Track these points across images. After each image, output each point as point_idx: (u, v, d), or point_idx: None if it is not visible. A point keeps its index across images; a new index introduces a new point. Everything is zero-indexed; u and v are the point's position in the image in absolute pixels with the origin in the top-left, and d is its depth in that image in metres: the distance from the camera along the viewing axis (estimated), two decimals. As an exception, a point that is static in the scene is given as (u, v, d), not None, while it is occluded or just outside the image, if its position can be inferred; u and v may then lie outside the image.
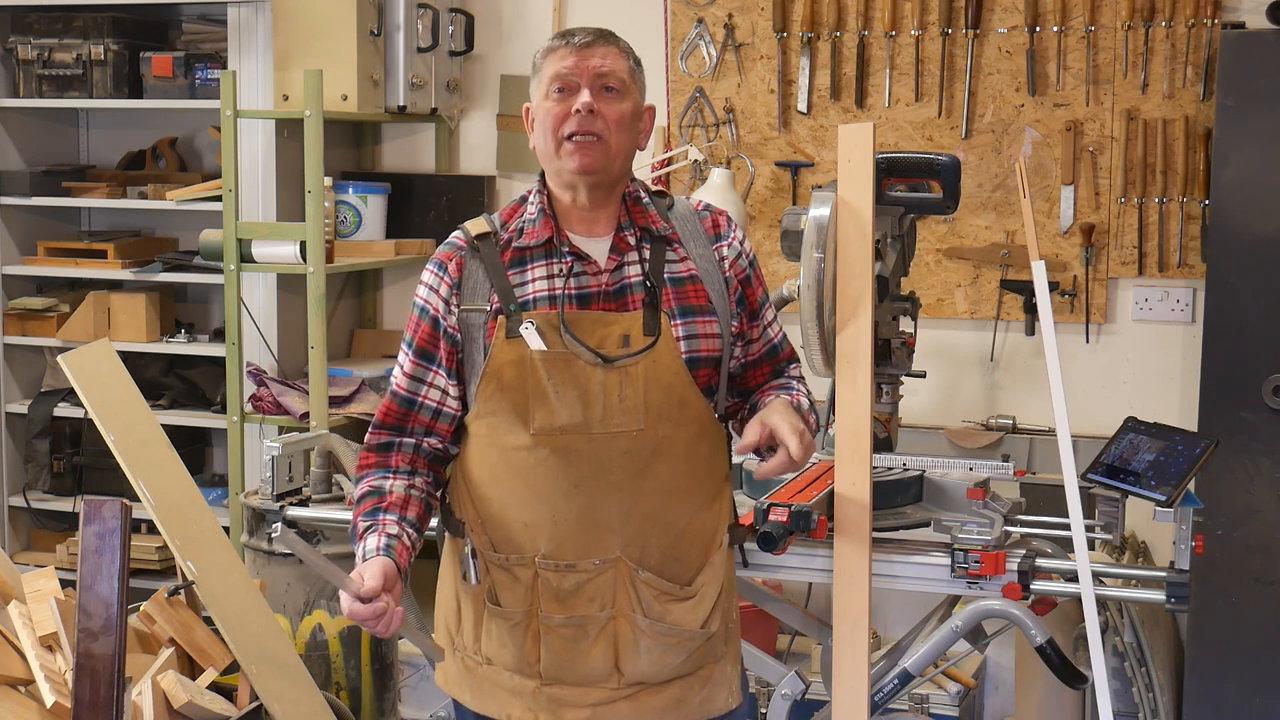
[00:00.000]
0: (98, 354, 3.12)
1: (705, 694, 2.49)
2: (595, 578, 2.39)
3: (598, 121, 2.36)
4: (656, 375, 2.37)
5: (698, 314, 2.42)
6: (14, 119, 5.02)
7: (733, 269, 2.49)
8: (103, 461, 4.57)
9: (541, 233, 2.41)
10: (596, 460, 2.36)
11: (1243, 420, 3.78)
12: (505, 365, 2.36)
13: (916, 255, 3.68)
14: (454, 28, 4.78)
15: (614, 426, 2.36)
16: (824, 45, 4.49)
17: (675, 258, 2.45)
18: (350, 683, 3.80)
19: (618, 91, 2.39)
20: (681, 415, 2.40)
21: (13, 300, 5.01)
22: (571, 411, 2.35)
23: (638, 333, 2.37)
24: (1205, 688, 3.87)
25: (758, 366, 2.56)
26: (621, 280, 2.40)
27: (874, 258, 2.78)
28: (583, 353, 2.35)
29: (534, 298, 2.38)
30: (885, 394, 3.10)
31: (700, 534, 2.46)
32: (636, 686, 2.43)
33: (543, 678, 2.43)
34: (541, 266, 2.41)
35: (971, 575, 2.82)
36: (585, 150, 2.36)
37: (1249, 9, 4.11)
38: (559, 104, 2.37)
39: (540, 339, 2.35)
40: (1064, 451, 2.82)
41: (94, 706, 2.51)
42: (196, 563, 3.03)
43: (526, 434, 2.37)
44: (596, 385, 2.35)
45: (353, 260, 4.60)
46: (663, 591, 2.41)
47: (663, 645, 2.42)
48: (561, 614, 2.40)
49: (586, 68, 2.36)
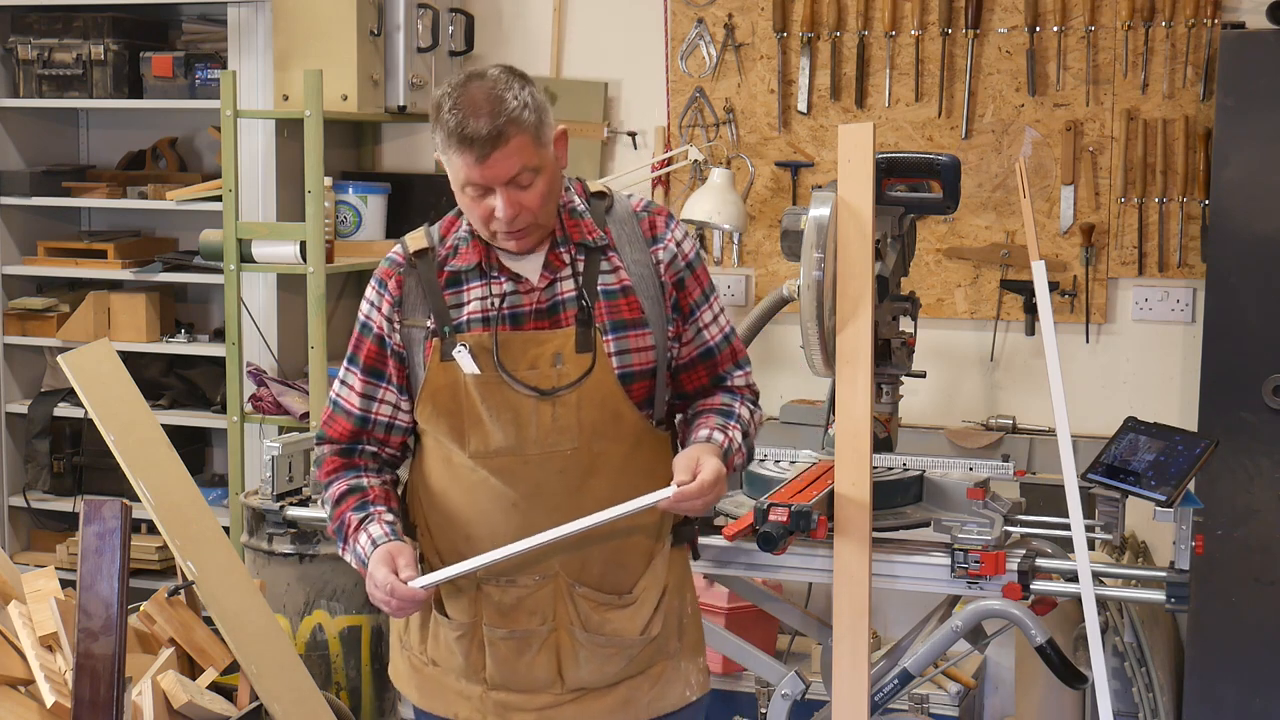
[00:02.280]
0: (98, 354, 3.12)
1: (655, 692, 2.52)
2: (535, 593, 2.42)
3: (522, 214, 2.31)
4: (589, 394, 2.37)
5: (630, 328, 2.40)
6: (14, 119, 5.02)
7: (667, 273, 2.45)
8: (103, 461, 4.56)
9: (471, 256, 2.40)
10: (532, 481, 2.38)
11: (1243, 420, 3.78)
12: (440, 389, 2.39)
13: (916, 255, 3.68)
14: (454, 28, 4.77)
15: (548, 447, 2.37)
16: (824, 45, 4.49)
17: (609, 267, 2.42)
18: (350, 683, 3.81)
19: (531, 174, 2.31)
20: (616, 430, 2.40)
21: (13, 300, 5.01)
22: (506, 434, 2.37)
23: (570, 350, 2.37)
24: (1205, 688, 3.87)
25: (691, 369, 2.52)
26: (554, 297, 2.39)
27: (874, 258, 2.78)
28: (518, 387, 2.36)
29: (468, 319, 2.38)
30: (885, 394, 3.09)
31: (638, 542, 2.47)
32: (580, 691, 2.47)
33: (488, 684, 2.47)
34: (477, 287, 2.40)
35: (971, 575, 2.82)
36: (518, 237, 2.34)
37: (1249, 9, 4.11)
38: (476, 203, 2.33)
39: (474, 362, 2.36)
40: (1064, 451, 2.82)
41: (94, 706, 2.51)
42: (196, 563, 3.03)
43: (464, 455, 2.40)
44: (529, 408, 2.36)
45: (353, 260, 4.60)
46: (600, 603, 2.44)
47: (601, 655, 2.45)
48: (504, 627, 2.44)
49: (496, 176, 2.29)
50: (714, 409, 2.50)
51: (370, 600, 2.36)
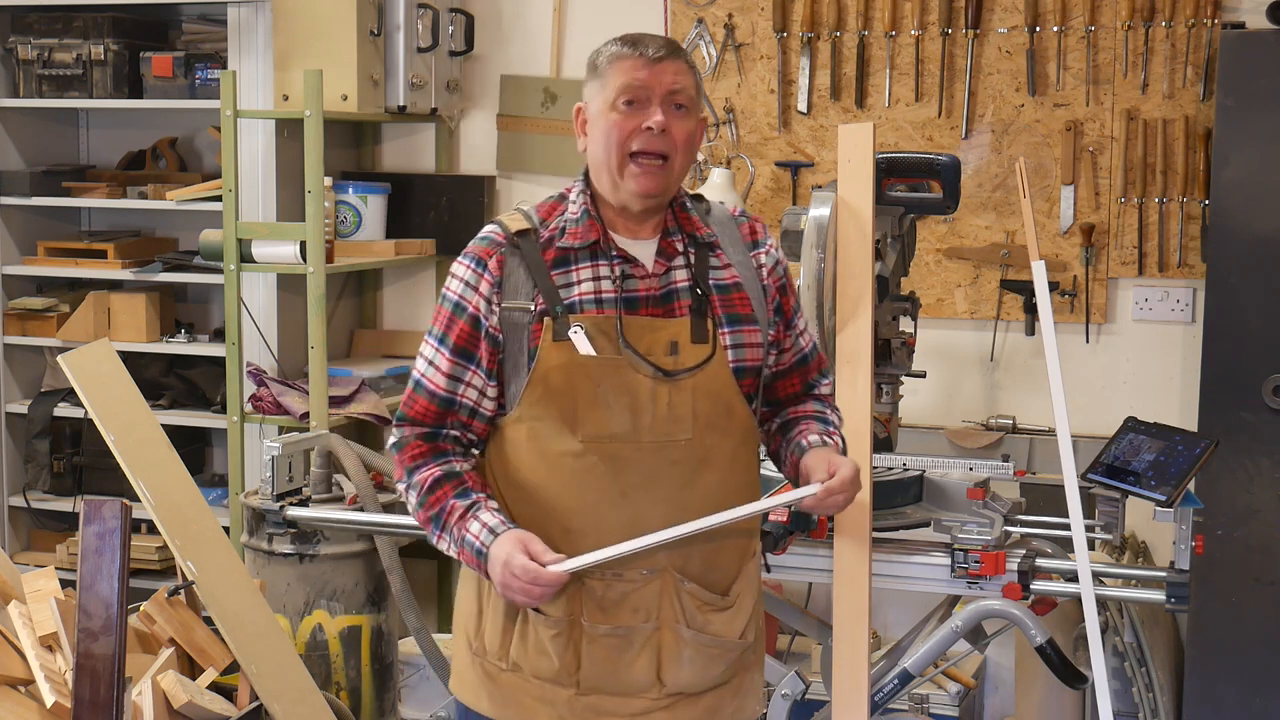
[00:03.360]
0: (98, 354, 3.12)
1: (737, 704, 2.47)
2: (641, 588, 2.33)
3: (668, 140, 2.30)
4: (705, 384, 2.33)
5: (743, 323, 2.39)
6: (14, 119, 5.02)
7: (770, 276, 2.46)
8: (103, 461, 4.56)
9: (587, 234, 2.34)
10: (645, 469, 2.31)
11: (1243, 420, 3.78)
12: (553, 369, 2.29)
13: (916, 255, 3.68)
14: (454, 28, 4.78)
15: (663, 435, 2.31)
16: (824, 45, 4.49)
17: (718, 264, 2.41)
18: (350, 683, 3.80)
19: (687, 109, 2.33)
20: (728, 424, 2.36)
21: (13, 300, 5.01)
22: (621, 419, 2.29)
23: (685, 339, 2.33)
24: (1205, 688, 3.87)
25: (787, 376, 2.52)
26: (669, 285, 2.36)
27: (874, 258, 2.78)
28: (641, 365, 2.30)
29: (580, 300, 2.32)
30: (885, 394, 3.10)
31: (737, 542, 2.43)
32: (675, 697, 2.39)
33: (580, 686, 2.36)
34: (587, 268, 2.34)
35: (971, 575, 2.82)
36: (650, 174, 2.30)
37: (1249, 9, 4.11)
38: (627, 117, 2.30)
39: (589, 344, 2.29)
40: (1064, 451, 2.82)
41: (94, 706, 2.51)
42: (196, 563, 3.03)
43: (574, 440, 2.30)
44: (646, 393, 2.30)
45: (353, 260, 4.60)
46: (705, 602, 2.38)
47: (706, 656, 2.39)
48: (606, 624, 2.33)
49: (660, 83, 2.29)
50: (811, 416, 2.50)
51: (502, 589, 2.27)
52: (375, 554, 3.75)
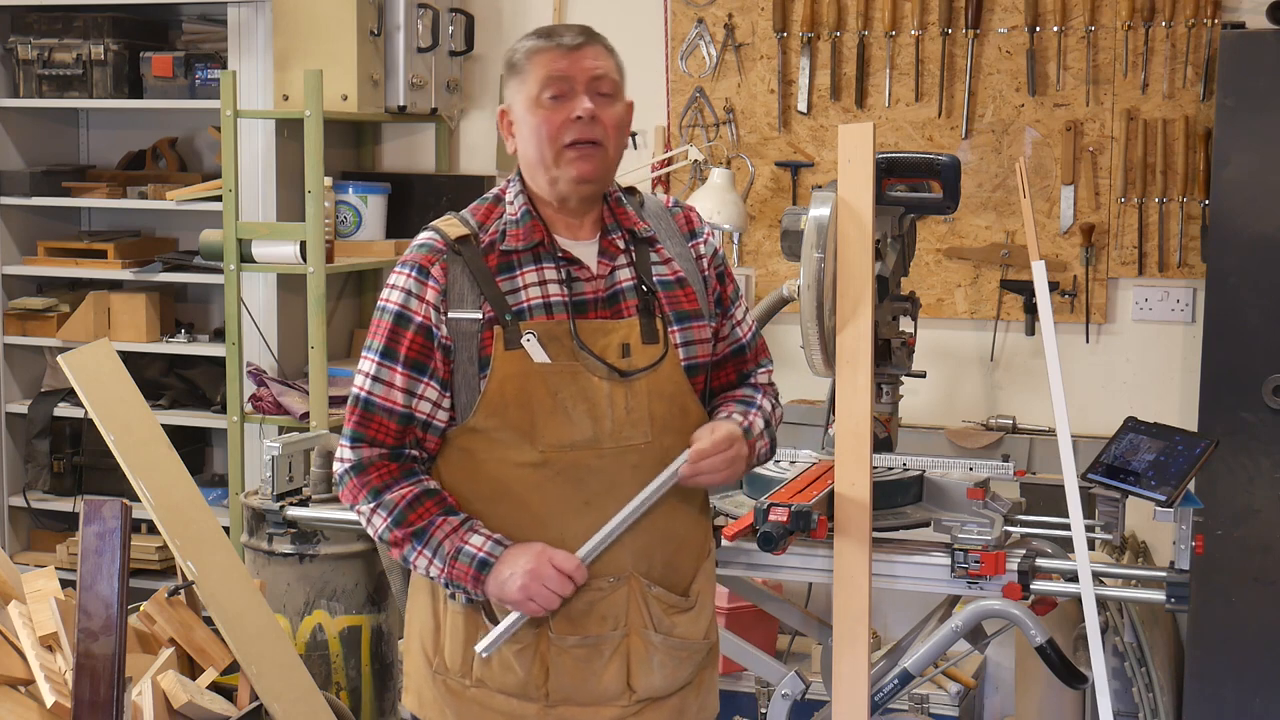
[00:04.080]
0: (98, 354, 3.12)
1: (700, 702, 2.47)
2: (609, 595, 2.32)
3: (598, 128, 2.27)
4: (658, 385, 2.32)
5: (692, 319, 2.37)
6: (14, 119, 5.02)
7: (710, 266, 2.44)
8: (103, 461, 4.57)
9: (530, 235, 2.31)
10: (608, 476, 2.29)
11: (1243, 420, 3.79)
12: (508, 379, 2.25)
13: (916, 255, 3.68)
14: (454, 28, 4.78)
15: (623, 440, 2.29)
16: (824, 45, 4.49)
17: (659, 259, 2.38)
18: (350, 683, 3.80)
19: (612, 95, 2.30)
20: (683, 424, 2.34)
21: (13, 300, 5.01)
22: (583, 427, 2.27)
23: (636, 341, 2.31)
24: (1205, 688, 3.87)
25: (722, 366, 2.47)
26: (614, 286, 2.33)
27: (874, 258, 2.78)
28: (597, 367, 2.27)
29: (529, 305, 2.28)
30: (885, 394, 3.09)
31: (694, 542, 2.43)
32: (645, 703, 2.37)
33: (549, 699, 2.33)
34: (532, 271, 2.30)
35: (971, 575, 2.82)
36: (587, 158, 2.27)
37: (1249, 9, 4.11)
38: (554, 111, 2.26)
39: (543, 351, 2.26)
40: (1064, 451, 2.82)
41: (94, 706, 2.51)
42: (196, 563, 3.03)
43: (533, 450, 2.27)
44: (604, 398, 2.27)
45: (353, 260, 4.60)
46: (670, 605, 2.37)
47: (674, 660, 2.38)
48: (575, 634, 2.31)
49: (582, 69, 2.26)
50: (735, 399, 2.46)
51: (523, 595, 2.23)
52: (375, 554, 3.75)
